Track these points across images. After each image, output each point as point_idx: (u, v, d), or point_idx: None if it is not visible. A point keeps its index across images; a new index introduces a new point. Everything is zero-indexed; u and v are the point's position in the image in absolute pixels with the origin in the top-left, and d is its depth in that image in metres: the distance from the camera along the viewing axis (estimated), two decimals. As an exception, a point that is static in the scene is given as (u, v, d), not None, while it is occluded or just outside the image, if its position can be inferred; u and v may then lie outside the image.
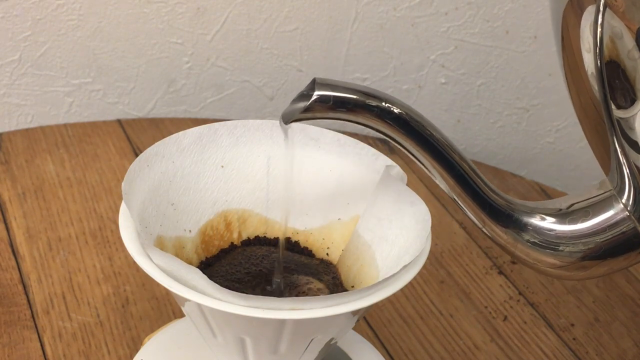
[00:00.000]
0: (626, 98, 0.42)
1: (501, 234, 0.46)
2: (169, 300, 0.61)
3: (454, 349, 0.60)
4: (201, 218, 0.50)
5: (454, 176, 0.45)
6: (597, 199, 0.47)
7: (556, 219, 0.46)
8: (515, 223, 0.46)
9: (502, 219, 0.46)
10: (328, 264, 0.50)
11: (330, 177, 0.51)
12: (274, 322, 0.42)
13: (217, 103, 0.86)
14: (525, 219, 0.46)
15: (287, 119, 0.43)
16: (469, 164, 0.45)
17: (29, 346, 0.57)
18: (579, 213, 0.46)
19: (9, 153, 0.74)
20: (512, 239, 0.46)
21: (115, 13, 0.81)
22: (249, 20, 0.83)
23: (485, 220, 0.46)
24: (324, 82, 0.43)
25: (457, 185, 0.45)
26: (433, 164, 0.44)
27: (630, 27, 0.41)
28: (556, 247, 0.46)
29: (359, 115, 0.44)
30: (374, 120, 0.44)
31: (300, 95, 0.43)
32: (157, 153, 0.49)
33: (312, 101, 0.42)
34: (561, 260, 0.46)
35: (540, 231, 0.46)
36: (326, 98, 0.43)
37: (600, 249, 0.46)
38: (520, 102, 0.90)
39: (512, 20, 0.86)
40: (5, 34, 0.79)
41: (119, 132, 0.78)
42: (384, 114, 0.44)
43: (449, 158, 0.44)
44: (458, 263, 0.68)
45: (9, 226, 0.66)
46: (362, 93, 0.44)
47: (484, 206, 0.46)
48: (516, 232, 0.46)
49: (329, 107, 0.43)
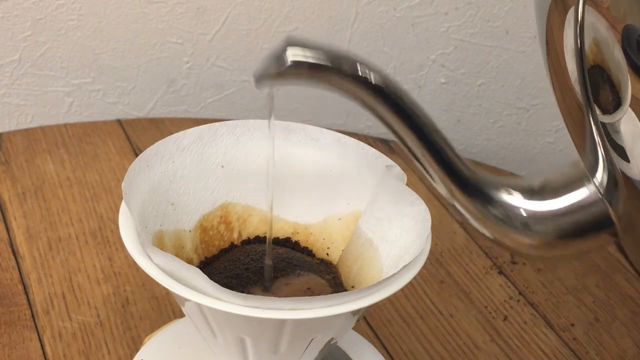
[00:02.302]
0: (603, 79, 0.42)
1: (469, 207, 0.45)
2: (169, 300, 0.61)
3: (454, 349, 0.60)
4: (201, 217, 0.50)
5: (426, 145, 0.43)
6: (569, 178, 0.45)
7: (525, 195, 0.45)
8: (484, 196, 0.44)
9: (471, 191, 0.44)
10: (328, 264, 0.50)
11: (331, 177, 0.51)
12: (274, 322, 0.42)
13: (217, 103, 0.86)
14: (494, 193, 0.45)
15: (259, 83, 0.41)
16: (443, 136, 0.44)
17: (29, 346, 0.57)
18: (549, 191, 0.45)
19: (9, 153, 0.74)
20: (481, 214, 0.45)
21: (115, 13, 0.81)
22: (249, 20, 0.83)
23: (453, 191, 0.44)
24: (297, 43, 0.41)
25: (429, 154, 0.43)
26: (406, 131, 0.43)
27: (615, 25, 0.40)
28: (524, 224, 0.45)
29: (334, 82, 0.41)
30: (348, 86, 0.42)
31: (273, 57, 0.41)
32: (157, 153, 0.49)
33: (286, 67, 0.40)
34: (528, 238, 0.45)
35: (508, 207, 0.45)
36: (301, 64, 0.40)
37: (569, 229, 0.45)
38: (520, 102, 0.90)
39: (512, 20, 0.86)
40: (5, 34, 0.79)
41: (119, 132, 0.78)
42: (361, 82, 0.42)
43: (422, 126, 0.43)
44: (458, 263, 0.68)
45: (9, 226, 0.66)
46: (337, 57, 0.41)
47: (452, 176, 0.44)
48: (484, 206, 0.44)
49: (304, 74, 0.41)
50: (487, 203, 0.45)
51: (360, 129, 0.89)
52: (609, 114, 0.42)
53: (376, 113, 0.43)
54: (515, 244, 0.46)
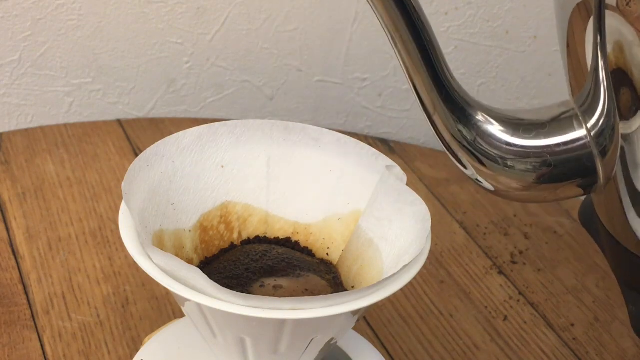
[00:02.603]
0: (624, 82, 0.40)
1: (450, 127, 0.42)
2: (169, 300, 0.61)
3: (454, 349, 0.60)
4: (201, 216, 0.50)
5: (419, 49, 0.41)
6: (558, 116, 0.43)
7: (510, 126, 0.43)
8: (467, 119, 0.42)
9: (456, 110, 0.42)
10: (328, 264, 0.50)
11: (331, 177, 0.51)
12: (274, 322, 0.42)
13: (217, 103, 0.86)
14: (479, 118, 0.42)
15: None
16: (438, 45, 0.41)
17: (29, 346, 0.57)
18: (535, 126, 0.43)
19: (9, 153, 0.74)
20: (459, 137, 0.42)
21: (115, 13, 0.81)
22: (249, 20, 0.83)
23: (437, 106, 0.42)
24: None
25: (421, 60, 0.41)
26: (402, 32, 0.41)
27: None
28: (502, 156, 0.42)
29: None
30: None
31: None
32: (157, 153, 0.49)
33: None
34: (505, 173, 0.43)
35: (490, 134, 0.42)
36: None
37: (549, 169, 0.42)
38: (520, 102, 0.90)
39: (512, 20, 0.86)
40: (5, 34, 0.79)
41: (119, 132, 0.78)
42: None
43: (419, 28, 0.41)
44: (458, 263, 0.68)
45: (9, 226, 0.66)
46: None
47: (440, 90, 0.42)
48: (466, 128, 0.42)
49: None
50: (470, 127, 0.42)
51: (360, 129, 0.89)
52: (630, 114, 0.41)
53: (377, 10, 0.41)
54: (489, 178, 0.43)
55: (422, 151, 0.81)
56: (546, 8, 0.86)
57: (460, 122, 0.42)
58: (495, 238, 0.71)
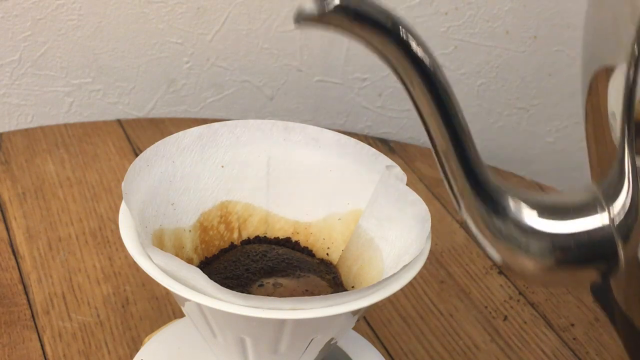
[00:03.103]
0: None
1: (476, 210, 0.43)
2: (169, 300, 0.61)
3: (454, 348, 0.60)
4: (200, 215, 0.50)
5: (450, 133, 0.42)
6: (581, 201, 0.44)
7: (534, 208, 0.43)
8: (494, 202, 0.43)
9: (483, 194, 0.43)
10: (328, 264, 0.50)
11: (331, 177, 0.51)
12: (274, 322, 0.42)
13: (217, 103, 0.86)
14: (503, 198, 0.43)
15: (299, 22, 0.39)
16: (469, 130, 0.42)
17: (29, 346, 0.57)
18: (558, 209, 0.43)
19: (9, 153, 0.74)
20: (485, 220, 0.43)
21: (115, 13, 0.81)
22: (249, 20, 0.83)
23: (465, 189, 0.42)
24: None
25: (451, 142, 0.42)
26: (434, 113, 0.41)
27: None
28: (525, 238, 0.43)
29: (377, 39, 0.39)
30: (390, 52, 0.39)
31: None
32: (157, 153, 0.49)
33: (333, 7, 0.38)
34: (526, 255, 0.43)
35: (513, 214, 0.43)
36: (348, 8, 0.38)
37: (569, 252, 0.43)
38: (520, 102, 0.90)
39: (512, 20, 0.86)
40: (5, 34, 0.79)
41: (119, 132, 0.78)
42: (406, 54, 0.39)
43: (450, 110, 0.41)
44: (458, 263, 0.68)
45: (9, 226, 0.66)
46: (391, 18, 0.39)
47: (470, 173, 0.42)
48: (490, 208, 0.43)
49: (348, 18, 0.38)
50: (494, 207, 0.43)
51: (360, 129, 0.89)
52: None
53: (406, 84, 0.41)
54: (509, 259, 0.44)
55: (422, 151, 0.81)
56: (546, 8, 0.86)
57: (488, 206, 0.43)
58: (495, 238, 0.71)
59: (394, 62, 0.40)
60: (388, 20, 0.39)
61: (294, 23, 0.39)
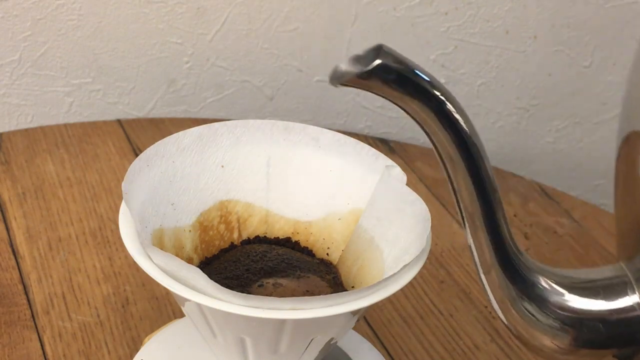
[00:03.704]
0: None
1: (502, 286, 0.42)
2: (169, 300, 0.61)
3: (454, 349, 0.60)
4: (200, 214, 0.50)
5: (484, 206, 0.40)
6: (612, 281, 0.43)
7: (562, 287, 0.42)
8: (521, 279, 0.42)
9: (511, 269, 0.41)
10: (328, 264, 0.50)
11: (330, 177, 0.51)
12: (274, 322, 0.42)
13: (217, 103, 0.86)
14: (535, 278, 0.42)
15: (336, 80, 0.38)
16: (501, 203, 0.41)
17: (29, 346, 0.57)
18: (586, 289, 0.43)
19: (9, 153, 0.74)
20: (511, 297, 0.42)
21: (115, 13, 0.81)
22: (249, 20, 0.83)
23: (492, 264, 0.42)
24: (390, 51, 0.37)
25: (483, 216, 0.41)
26: (468, 186, 0.40)
27: None
28: (551, 317, 0.42)
29: (414, 104, 0.38)
30: (429, 118, 0.38)
31: (358, 58, 0.38)
32: (157, 153, 0.49)
33: (373, 67, 0.37)
34: (550, 333, 0.42)
35: (541, 293, 0.42)
36: (389, 70, 0.37)
37: (596, 333, 0.42)
38: (520, 102, 0.90)
39: (512, 20, 0.86)
40: (5, 34, 0.80)
41: (119, 132, 0.78)
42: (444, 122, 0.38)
43: (486, 189, 0.40)
44: (458, 263, 0.68)
45: (9, 226, 0.66)
46: (431, 83, 0.38)
47: (498, 248, 0.41)
48: (519, 289, 0.42)
49: (388, 81, 0.37)
50: (524, 288, 0.42)
51: (360, 129, 0.89)
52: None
53: (439, 151, 0.40)
54: (537, 339, 0.43)
55: (422, 151, 0.81)
56: (546, 8, 0.86)
57: (515, 283, 0.42)
58: (495, 238, 0.71)
59: (430, 128, 0.39)
60: (429, 86, 0.38)
61: (330, 82, 0.38)
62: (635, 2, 0.86)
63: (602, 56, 0.88)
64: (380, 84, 0.37)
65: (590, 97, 0.91)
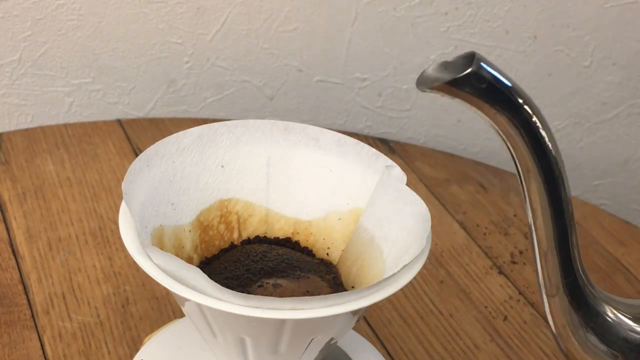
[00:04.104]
0: None
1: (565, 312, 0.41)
2: (169, 300, 0.61)
3: (454, 348, 0.60)
4: (199, 213, 0.50)
5: (557, 228, 0.39)
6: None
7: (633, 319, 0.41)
8: (587, 307, 0.41)
9: (578, 295, 0.40)
10: (328, 264, 0.50)
11: (331, 177, 0.51)
12: (274, 322, 0.42)
13: (217, 103, 0.86)
14: (601, 307, 0.41)
15: (424, 85, 0.37)
16: (575, 228, 0.40)
17: (29, 346, 0.57)
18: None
19: (9, 153, 0.74)
20: (574, 324, 0.41)
21: (115, 13, 0.81)
22: (249, 20, 0.83)
23: (559, 288, 0.40)
24: (482, 60, 0.37)
25: (555, 238, 0.40)
26: (544, 206, 0.39)
27: None
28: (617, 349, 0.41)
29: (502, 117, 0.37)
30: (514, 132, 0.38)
31: (446, 64, 0.37)
32: (157, 153, 0.49)
33: (465, 75, 0.36)
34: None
35: (609, 325, 0.41)
36: (481, 79, 0.36)
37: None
38: (520, 102, 0.90)
39: (512, 20, 0.86)
40: (5, 34, 0.79)
41: (119, 132, 0.78)
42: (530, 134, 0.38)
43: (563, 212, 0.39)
44: (458, 263, 0.68)
45: (9, 226, 0.66)
46: (521, 96, 0.37)
47: (568, 273, 0.40)
48: (584, 316, 0.41)
49: (478, 90, 0.37)
50: (589, 316, 0.41)
51: (360, 129, 0.89)
52: None
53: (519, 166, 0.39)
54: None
55: (422, 151, 0.81)
56: (546, 8, 0.86)
57: (580, 310, 0.41)
58: (495, 238, 0.71)
59: (513, 142, 0.38)
60: (520, 99, 0.37)
61: (417, 87, 0.37)
62: (635, 2, 0.86)
63: (602, 56, 0.88)
64: (470, 93, 0.37)
65: (590, 97, 0.91)
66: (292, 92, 0.87)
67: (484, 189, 0.75)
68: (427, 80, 0.37)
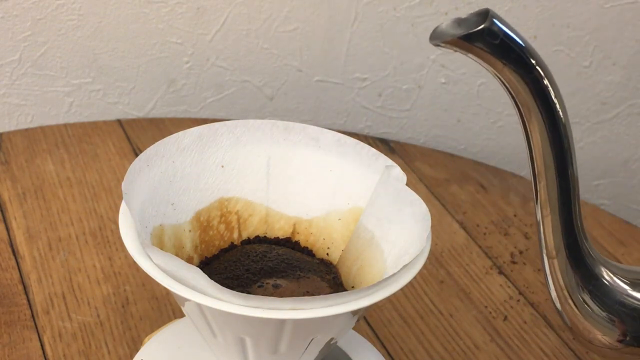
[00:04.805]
0: None
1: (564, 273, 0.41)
2: (169, 300, 0.61)
3: (454, 349, 0.60)
4: (197, 212, 0.50)
5: (561, 188, 0.40)
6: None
7: (628, 283, 0.42)
8: (586, 268, 0.41)
9: (577, 256, 0.41)
10: (328, 264, 0.50)
11: (331, 176, 0.51)
12: (274, 322, 0.42)
13: (217, 103, 0.86)
14: (598, 270, 0.41)
15: (437, 39, 0.38)
16: (578, 191, 0.41)
17: (29, 346, 0.57)
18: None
19: (9, 153, 0.74)
20: (571, 286, 0.41)
21: (115, 13, 0.81)
22: (249, 20, 0.83)
23: (560, 250, 0.41)
24: (496, 17, 0.37)
25: (559, 199, 0.40)
26: (550, 168, 0.40)
27: None
28: (612, 312, 0.41)
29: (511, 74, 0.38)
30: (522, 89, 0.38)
31: (460, 21, 0.38)
32: (157, 153, 0.49)
33: (478, 30, 0.37)
34: (608, 331, 0.41)
35: (605, 288, 0.41)
36: (494, 35, 0.37)
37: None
38: (520, 102, 0.90)
39: (512, 20, 0.86)
40: (5, 34, 0.79)
41: (119, 132, 0.78)
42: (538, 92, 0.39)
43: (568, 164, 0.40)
44: (458, 263, 0.68)
45: (9, 226, 0.66)
46: (530, 51, 0.38)
47: (569, 232, 0.40)
48: (581, 278, 0.41)
49: (490, 46, 0.37)
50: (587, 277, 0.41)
51: (360, 129, 0.89)
52: None
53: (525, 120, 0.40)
54: (586, 330, 0.42)
55: (422, 151, 0.81)
56: (546, 8, 0.86)
57: (578, 271, 0.41)
58: (495, 238, 0.71)
59: (522, 99, 0.39)
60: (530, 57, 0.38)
61: (430, 41, 0.38)
62: (635, 2, 0.86)
63: (602, 56, 0.88)
64: (482, 49, 0.37)
65: (590, 97, 0.91)
66: (292, 92, 0.87)
67: (484, 189, 0.75)
68: (441, 35, 0.38)
